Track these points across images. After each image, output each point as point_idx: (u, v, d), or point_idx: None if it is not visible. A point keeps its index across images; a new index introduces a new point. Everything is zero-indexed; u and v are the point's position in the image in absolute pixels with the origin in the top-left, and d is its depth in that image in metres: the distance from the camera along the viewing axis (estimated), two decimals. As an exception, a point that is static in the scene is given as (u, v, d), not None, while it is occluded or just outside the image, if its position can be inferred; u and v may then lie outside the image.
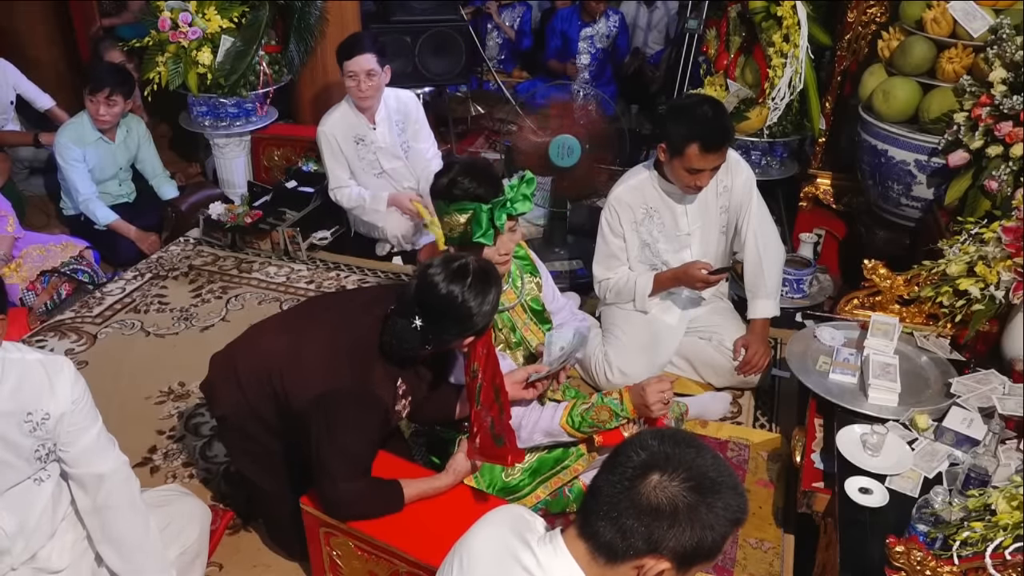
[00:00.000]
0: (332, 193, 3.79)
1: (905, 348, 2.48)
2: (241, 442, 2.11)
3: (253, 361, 2.02)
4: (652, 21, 5.89)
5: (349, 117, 3.67)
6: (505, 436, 1.89)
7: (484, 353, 1.90)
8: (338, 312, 2.02)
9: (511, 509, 1.39)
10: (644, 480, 1.14)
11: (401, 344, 1.85)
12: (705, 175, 2.59)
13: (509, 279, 2.28)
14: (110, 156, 3.91)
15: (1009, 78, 2.79)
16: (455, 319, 1.82)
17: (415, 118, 3.80)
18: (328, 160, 3.73)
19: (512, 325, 2.30)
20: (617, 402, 2.10)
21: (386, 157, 3.76)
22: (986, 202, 2.84)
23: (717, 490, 1.14)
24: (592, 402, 2.11)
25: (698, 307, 2.97)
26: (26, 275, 3.39)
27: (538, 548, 1.24)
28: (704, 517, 1.13)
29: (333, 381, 1.85)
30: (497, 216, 2.07)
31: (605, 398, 2.12)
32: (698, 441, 1.22)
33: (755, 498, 2.48)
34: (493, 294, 1.84)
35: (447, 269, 1.82)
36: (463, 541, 1.35)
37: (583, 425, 2.09)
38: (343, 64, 3.52)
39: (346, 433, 1.85)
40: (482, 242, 2.07)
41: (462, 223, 2.07)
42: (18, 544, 1.71)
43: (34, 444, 1.64)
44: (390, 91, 3.73)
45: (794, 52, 3.46)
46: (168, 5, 3.99)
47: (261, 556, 2.31)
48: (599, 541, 1.17)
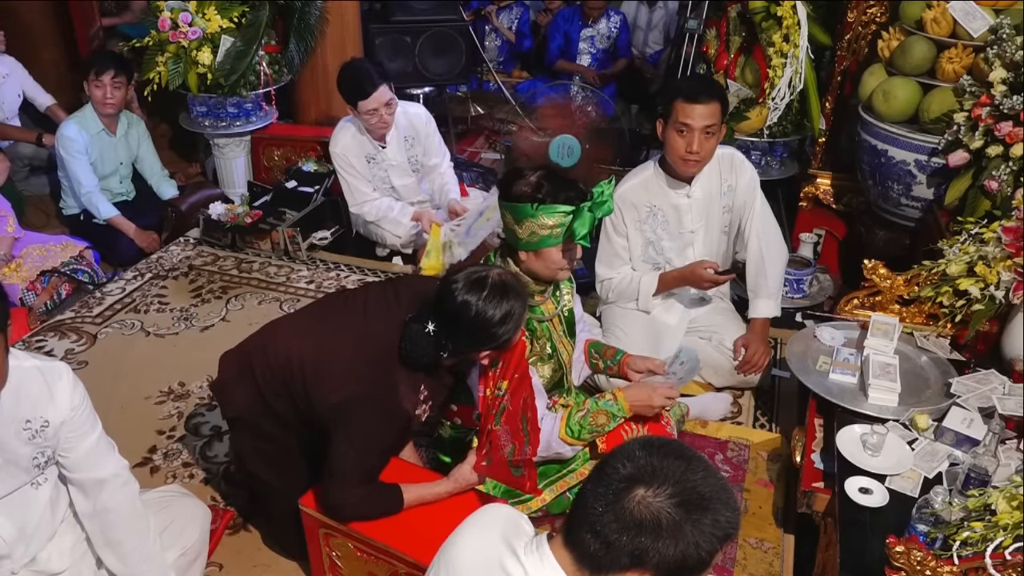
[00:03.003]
0: (357, 208, 3.73)
1: (905, 348, 2.48)
2: (254, 442, 2.10)
3: (272, 361, 2.00)
4: (652, 21, 5.90)
5: (358, 137, 3.61)
6: (525, 469, 1.89)
7: (517, 377, 1.89)
8: (358, 315, 2.00)
9: (499, 510, 1.38)
10: (629, 494, 1.12)
11: (414, 349, 1.85)
12: (696, 135, 2.56)
13: (551, 290, 2.25)
14: (111, 149, 3.92)
15: (1009, 78, 2.79)
16: (468, 329, 1.81)
17: (425, 133, 3.73)
18: (348, 179, 3.67)
19: (549, 336, 2.26)
20: (612, 403, 2.10)
21: (397, 174, 3.72)
22: (986, 202, 2.84)
23: (705, 506, 1.11)
24: (587, 408, 2.11)
25: (700, 307, 2.97)
26: (26, 275, 3.39)
27: (525, 556, 1.23)
28: (689, 534, 1.10)
29: (356, 388, 1.85)
30: (595, 219, 2.04)
31: (599, 402, 2.12)
32: (689, 451, 1.18)
33: (755, 498, 2.48)
34: (511, 308, 1.81)
35: (467, 279, 1.82)
36: (448, 546, 1.33)
37: (583, 433, 2.09)
38: (357, 104, 3.39)
39: (364, 441, 1.85)
40: (582, 244, 2.04)
41: (550, 226, 2.02)
42: (18, 549, 1.70)
43: (33, 452, 1.63)
44: (399, 107, 3.62)
45: (794, 52, 3.47)
46: (168, 5, 3.99)
47: (261, 556, 2.30)
48: (583, 552, 1.16)
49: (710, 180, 2.76)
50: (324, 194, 4.08)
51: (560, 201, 2.00)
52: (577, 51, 5.74)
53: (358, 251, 3.95)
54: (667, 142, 2.65)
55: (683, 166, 2.67)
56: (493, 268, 1.88)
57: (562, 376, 2.30)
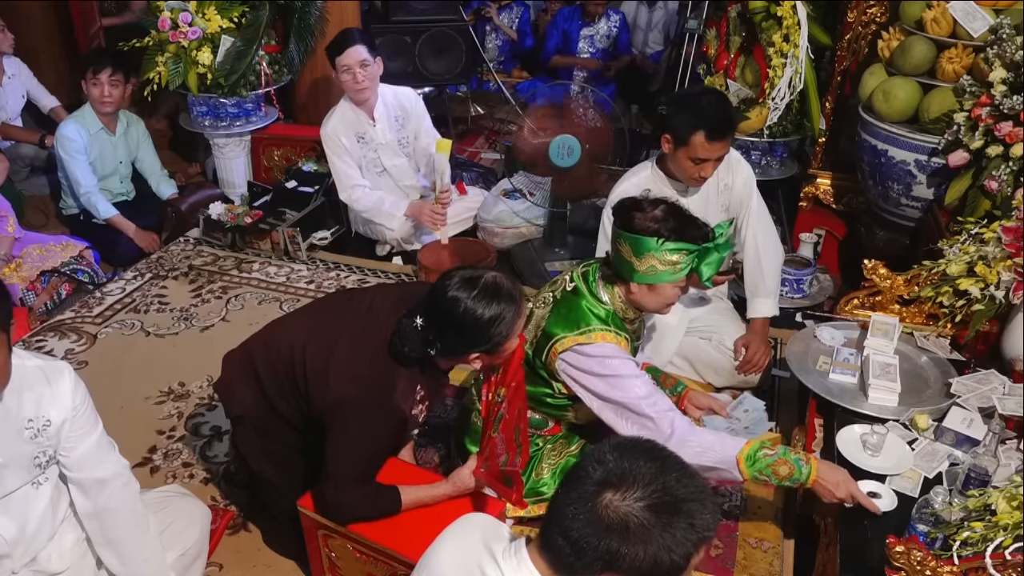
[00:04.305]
0: (346, 194, 3.75)
1: (905, 348, 2.47)
2: (259, 441, 2.10)
3: (275, 358, 2.01)
4: (652, 21, 5.90)
5: (348, 115, 3.66)
6: (513, 481, 1.88)
7: (514, 386, 1.88)
8: (362, 314, 2.00)
9: (478, 517, 1.39)
10: (598, 498, 1.11)
11: (403, 343, 1.85)
12: (709, 165, 2.59)
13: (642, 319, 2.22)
14: (111, 149, 3.92)
15: (1009, 78, 2.79)
16: (457, 327, 1.80)
17: (415, 113, 3.79)
18: (336, 162, 3.71)
19: None
20: (803, 464, 1.90)
21: (387, 154, 3.75)
22: (986, 202, 2.84)
23: (677, 509, 1.10)
24: (777, 452, 1.92)
25: (699, 307, 2.97)
26: (26, 275, 3.39)
27: (503, 561, 1.23)
28: (659, 538, 1.09)
29: (353, 387, 1.85)
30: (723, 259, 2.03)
31: (790, 453, 1.93)
32: (664, 452, 1.17)
33: (755, 498, 2.48)
34: (501, 311, 1.79)
35: (462, 277, 1.82)
36: (428, 554, 1.34)
37: (758, 469, 1.92)
38: (335, 60, 3.51)
39: (360, 441, 1.85)
40: (706, 285, 2.05)
41: (672, 262, 1.99)
42: (18, 549, 1.70)
43: (34, 451, 1.63)
44: (387, 88, 3.72)
45: (794, 52, 3.46)
46: (168, 5, 3.98)
47: (261, 556, 2.30)
48: (557, 556, 1.16)
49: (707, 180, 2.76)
50: (324, 194, 4.08)
51: (686, 239, 1.99)
52: (576, 50, 5.73)
53: (358, 251, 3.95)
54: (677, 162, 2.63)
55: (691, 183, 2.69)
56: (490, 271, 1.87)
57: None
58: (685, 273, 2.02)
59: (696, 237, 2.00)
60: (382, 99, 3.70)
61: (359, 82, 3.54)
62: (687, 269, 2.01)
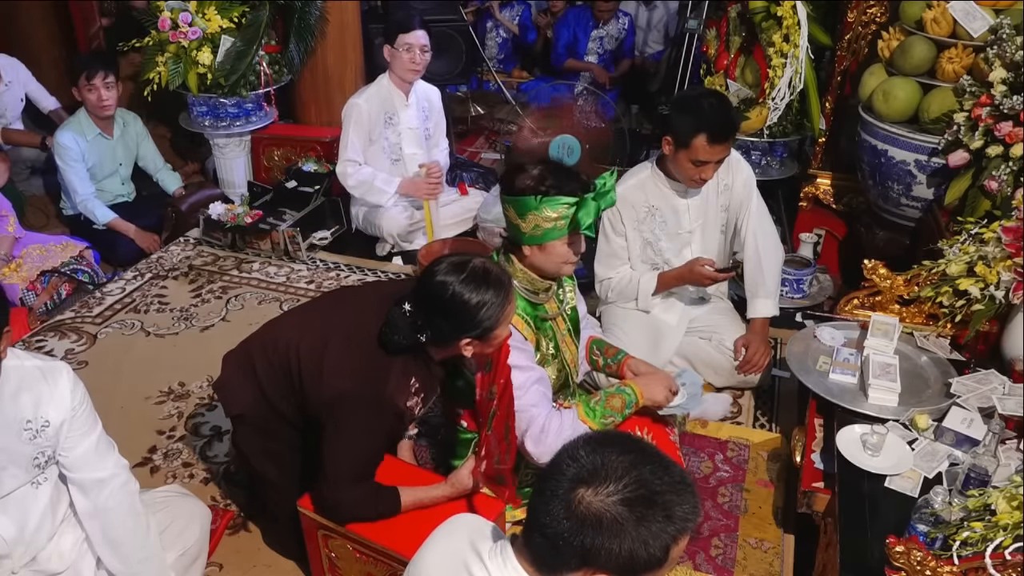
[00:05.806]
0: (341, 167, 3.76)
1: (905, 348, 2.47)
2: (259, 440, 2.10)
3: (272, 356, 2.01)
4: (652, 21, 5.90)
5: (383, 93, 3.76)
6: (506, 478, 1.88)
7: (503, 382, 1.88)
8: (354, 311, 2.00)
9: (465, 518, 1.39)
10: (572, 494, 1.10)
11: (392, 330, 1.84)
12: (710, 167, 2.59)
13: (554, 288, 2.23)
14: (109, 152, 3.92)
15: (1009, 78, 2.79)
16: (444, 311, 1.79)
17: (438, 108, 3.96)
18: (349, 132, 3.71)
19: (553, 335, 2.24)
20: (625, 389, 2.14)
21: (409, 141, 3.84)
22: (986, 202, 2.84)
23: (652, 502, 1.08)
24: (600, 395, 2.13)
25: (699, 306, 2.97)
26: (26, 275, 3.40)
27: (489, 560, 1.24)
28: (633, 532, 1.08)
29: (347, 383, 1.84)
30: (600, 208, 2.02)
31: (611, 388, 2.15)
32: (640, 444, 1.16)
33: (755, 498, 2.48)
34: (489, 295, 1.78)
35: (450, 262, 1.82)
36: (417, 557, 1.35)
37: (600, 415, 2.10)
38: (399, 36, 3.61)
39: (355, 438, 1.84)
40: (587, 234, 2.04)
41: (554, 218, 2.00)
42: (18, 549, 1.70)
43: (34, 452, 1.63)
44: (417, 81, 3.84)
45: (794, 52, 3.47)
46: (168, 5, 3.99)
47: (261, 556, 2.30)
48: (537, 554, 1.17)
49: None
50: (324, 194, 4.08)
51: (564, 193, 1.98)
52: (585, 51, 5.74)
53: (358, 251, 3.96)
54: (677, 164, 2.64)
55: (690, 184, 2.69)
56: (479, 257, 1.86)
57: (567, 377, 2.28)
58: (569, 227, 2.01)
59: (575, 189, 2.00)
60: (415, 88, 3.82)
61: (416, 62, 3.67)
62: (570, 223, 2.01)
